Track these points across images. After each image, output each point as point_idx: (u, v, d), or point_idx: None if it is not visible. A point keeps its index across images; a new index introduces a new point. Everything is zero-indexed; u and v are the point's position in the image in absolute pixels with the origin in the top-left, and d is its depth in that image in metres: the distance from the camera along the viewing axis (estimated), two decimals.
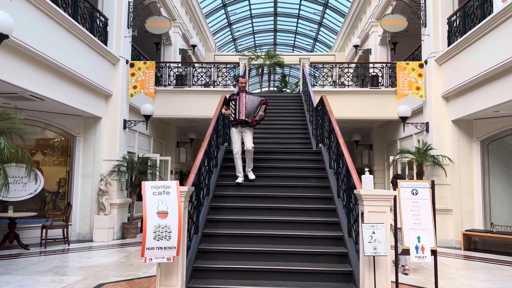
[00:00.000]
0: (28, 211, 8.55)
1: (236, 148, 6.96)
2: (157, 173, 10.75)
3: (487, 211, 9.04)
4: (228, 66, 12.91)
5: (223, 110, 7.27)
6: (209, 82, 12.63)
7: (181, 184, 4.56)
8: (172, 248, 4.16)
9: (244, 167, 7.09)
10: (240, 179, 6.99)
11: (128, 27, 10.23)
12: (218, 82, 12.51)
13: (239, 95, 7.06)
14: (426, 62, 9.94)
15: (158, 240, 4.12)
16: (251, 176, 7.12)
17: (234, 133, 7.03)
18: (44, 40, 7.11)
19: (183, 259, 4.54)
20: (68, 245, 8.49)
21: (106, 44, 9.57)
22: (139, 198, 10.53)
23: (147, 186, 4.32)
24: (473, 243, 8.92)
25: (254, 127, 7.18)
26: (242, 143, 7.09)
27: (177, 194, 4.31)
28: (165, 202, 4.24)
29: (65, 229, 8.60)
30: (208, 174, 6.51)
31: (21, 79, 6.72)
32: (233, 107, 7.00)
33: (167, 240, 4.13)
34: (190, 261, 4.98)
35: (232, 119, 7.01)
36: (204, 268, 5.08)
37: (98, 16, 9.48)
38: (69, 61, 7.93)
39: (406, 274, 6.14)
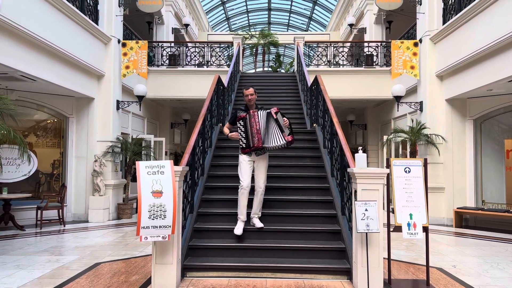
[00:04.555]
0: (22, 193, 8.54)
1: (245, 182, 5.25)
2: (152, 154, 10.73)
3: (479, 189, 9.18)
4: (221, 45, 12.76)
5: (226, 130, 5.60)
6: (203, 62, 12.50)
7: (176, 164, 4.56)
8: (167, 226, 4.18)
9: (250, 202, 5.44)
10: (240, 227, 5.27)
11: (119, 6, 10.03)
12: (211, 62, 12.39)
13: (249, 113, 5.30)
14: (420, 40, 9.88)
15: (153, 219, 4.14)
16: (258, 223, 5.39)
17: (245, 162, 5.30)
18: (34, 19, 6.97)
19: (179, 237, 4.57)
20: (64, 226, 8.53)
21: (97, 23, 9.40)
22: (134, 179, 10.54)
23: (141, 166, 4.31)
24: (464, 220, 9.07)
25: (291, 145, 5.36)
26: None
27: (171, 174, 4.31)
28: (160, 181, 4.24)
29: (60, 210, 8.62)
30: (202, 154, 6.52)
31: (11, 59, 6.61)
32: (242, 129, 5.27)
33: (162, 219, 4.15)
34: (186, 240, 5.03)
35: (244, 145, 5.27)
36: (199, 246, 5.13)
37: None
38: (60, 41, 7.80)
39: None
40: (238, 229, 5.25)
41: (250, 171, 5.33)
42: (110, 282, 4.70)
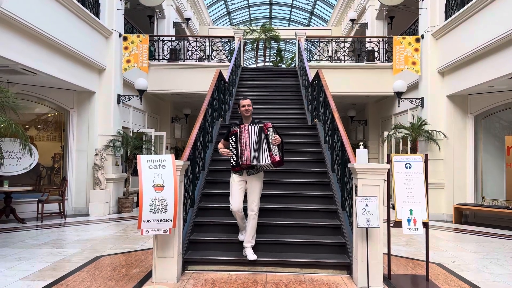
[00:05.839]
0: (23, 186, 8.57)
1: (236, 205, 4.78)
2: (152, 148, 10.74)
3: (479, 186, 9.19)
4: (223, 40, 12.73)
5: (220, 146, 5.10)
6: (204, 57, 12.48)
7: (177, 159, 4.57)
8: (168, 220, 4.20)
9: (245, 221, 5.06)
10: (243, 235, 5.07)
11: None
12: (213, 57, 12.36)
13: (240, 128, 4.83)
14: (422, 36, 9.85)
15: (155, 213, 4.16)
16: (251, 255, 4.77)
17: (235, 182, 4.84)
18: (35, 12, 6.95)
19: (179, 231, 4.59)
20: (65, 219, 8.56)
21: (98, 17, 9.37)
22: (135, 173, 10.57)
23: (143, 160, 4.32)
24: (464, 216, 9.09)
25: (279, 166, 4.85)
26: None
27: (172, 168, 4.32)
28: (161, 175, 4.25)
29: (61, 204, 8.65)
30: (203, 149, 6.53)
31: (13, 52, 6.60)
32: (234, 145, 4.81)
33: (163, 212, 4.17)
34: (186, 234, 5.05)
35: (234, 163, 4.80)
36: (200, 240, 5.15)
37: None
38: (61, 34, 7.79)
39: None
40: (242, 235, 5.08)
41: (240, 192, 4.83)
42: (111, 275, 4.72)
